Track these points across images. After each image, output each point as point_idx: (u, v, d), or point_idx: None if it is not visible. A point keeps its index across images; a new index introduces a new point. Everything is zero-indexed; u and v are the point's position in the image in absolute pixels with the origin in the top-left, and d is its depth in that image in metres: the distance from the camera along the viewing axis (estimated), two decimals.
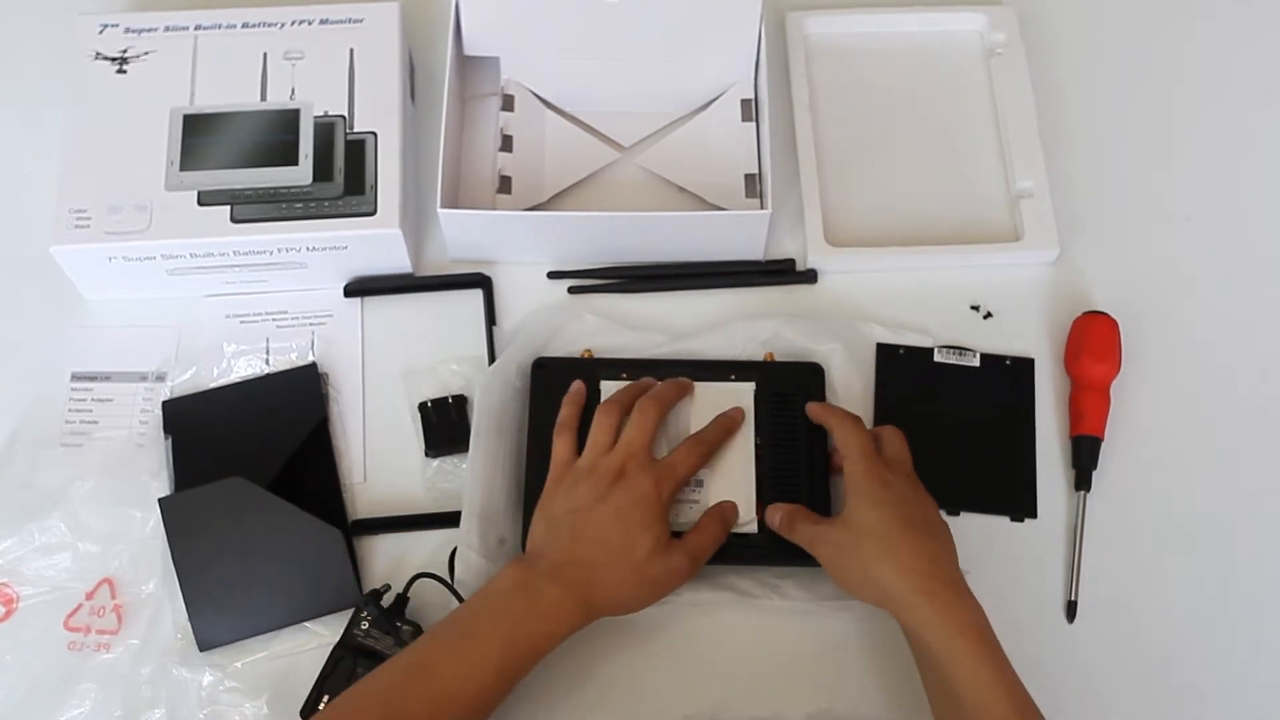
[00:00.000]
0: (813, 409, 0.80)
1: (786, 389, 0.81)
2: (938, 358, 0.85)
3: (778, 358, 0.84)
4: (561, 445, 0.78)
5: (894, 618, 0.72)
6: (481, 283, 0.89)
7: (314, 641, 0.78)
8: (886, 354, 0.85)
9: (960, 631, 0.69)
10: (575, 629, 0.72)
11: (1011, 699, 0.67)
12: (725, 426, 0.80)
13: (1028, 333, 0.87)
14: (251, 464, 0.80)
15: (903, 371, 0.85)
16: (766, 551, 0.78)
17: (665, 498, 0.75)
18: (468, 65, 0.94)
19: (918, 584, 0.70)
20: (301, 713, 0.74)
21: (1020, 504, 0.82)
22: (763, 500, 0.78)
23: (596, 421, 0.78)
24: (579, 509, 0.74)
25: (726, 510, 0.78)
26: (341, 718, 0.69)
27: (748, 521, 0.78)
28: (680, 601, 0.78)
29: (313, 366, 0.86)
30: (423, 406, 0.84)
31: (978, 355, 0.85)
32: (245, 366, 0.86)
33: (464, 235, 0.87)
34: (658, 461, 0.76)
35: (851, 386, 0.83)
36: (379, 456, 0.84)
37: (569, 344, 0.85)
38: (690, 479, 0.77)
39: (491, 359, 0.85)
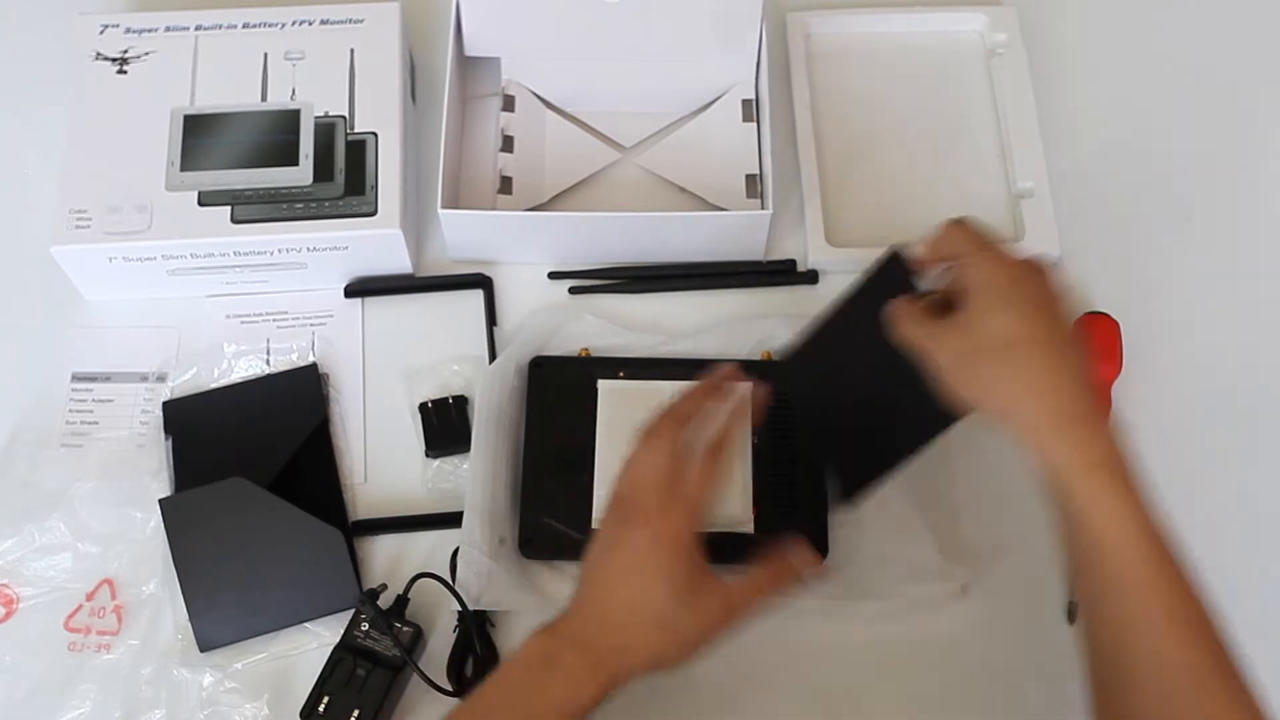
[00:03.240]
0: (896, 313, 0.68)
1: (783, 389, 0.81)
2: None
3: (775, 357, 0.84)
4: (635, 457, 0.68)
5: (1018, 443, 0.64)
6: (482, 283, 0.89)
7: (314, 642, 0.78)
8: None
9: (1096, 468, 0.61)
10: (602, 698, 0.65)
11: (1151, 542, 0.60)
12: (737, 414, 0.72)
13: None
14: (252, 464, 0.80)
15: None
16: (760, 548, 0.77)
17: (677, 528, 0.65)
18: (468, 66, 0.94)
19: (1047, 413, 0.62)
20: (301, 713, 0.74)
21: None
22: (759, 500, 0.78)
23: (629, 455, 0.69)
24: (598, 558, 0.67)
25: (786, 569, 0.68)
26: None
27: (745, 521, 0.78)
28: None
29: (313, 367, 0.86)
30: (423, 407, 0.84)
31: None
32: (246, 367, 0.86)
33: (465, 235, 0.87)
34: (670, 493, 0.66)
35: None
36: (379, 457, 0.84)
37: (569, 344, 0.85)
38: (707, 492, 0.67)
39: (492, 359, 0.85)
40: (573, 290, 0.89)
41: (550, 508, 0.79)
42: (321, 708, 0.73)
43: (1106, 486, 0.60)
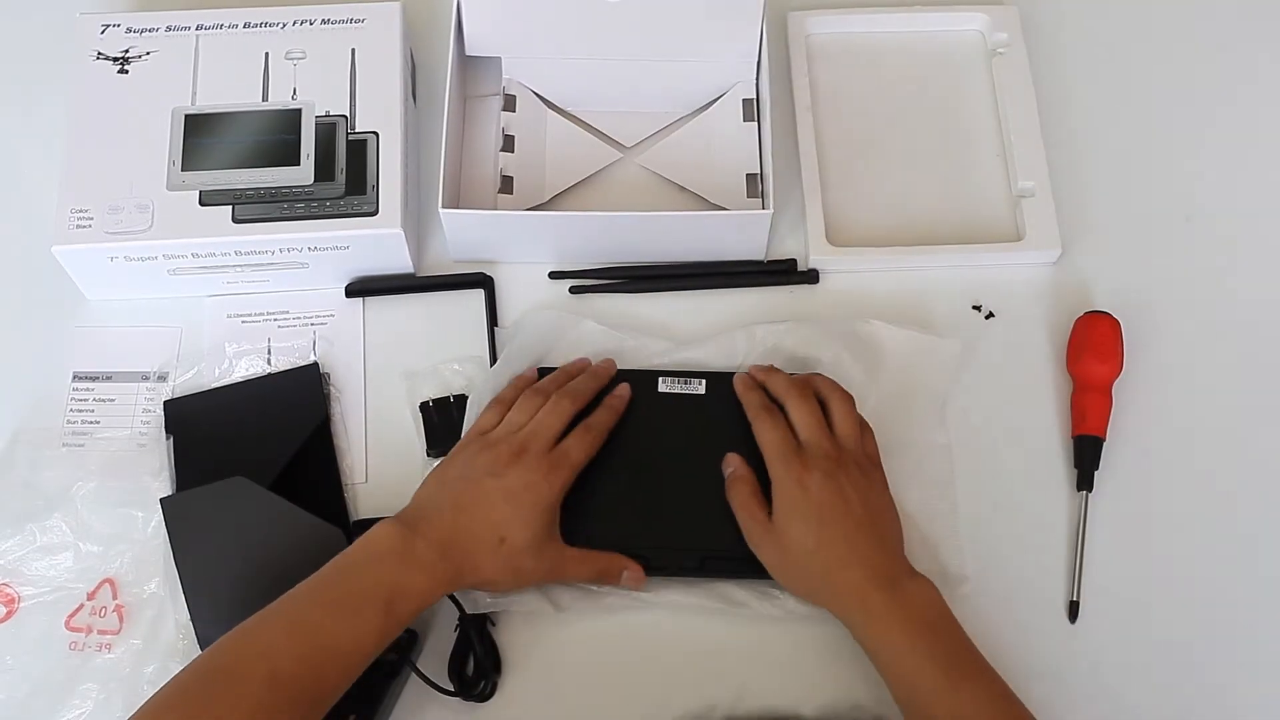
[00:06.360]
0: (739, 386, 0.80)
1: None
2: (662, 388, 0.83)
3: (778, 368, 0.84)
4: (487, 416, 0.79)
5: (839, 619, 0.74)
6: (483, 283, 0.89)
7: None
8: None
9: (889, 625, 0.71)
10: (445, 594, 0.73)
11: (943, 670, 0.69)
12: (612, 408, 0.80)
13: (1029, 333, 0.87)
14: (253, 464, 0.80)
15: None
16: (761, 565, 0.78)
17: (557, 487, 0.75)
18: (469, 65, 0.94)
19: (848, 594, 0.72)
20: None
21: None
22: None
23: (519, 404, 0.79)
24: (471, 479, 0.74)
25: (615, 567, 0.77)
26: (223, 674, 0.66)
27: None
28: (678, 610, 0.78)
29: (314, 366, 0.86)
30: (424, 406, 0.84)
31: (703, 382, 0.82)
32: (247, 366, 0.86)
33: (465, 235, 0.87)
34: (554, 449, 0.76)
35: (855, 397, 0.82)
36: (380, 456, 0.84)
37: (570, 352, 0.85)
38: (584, 465, 0.77)
39: (493, 359, 0.85)
40: (573, 290, 0.89)
41: None
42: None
43: (896, 642, 0.70)
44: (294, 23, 0.89)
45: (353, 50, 0.88)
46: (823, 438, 0.76)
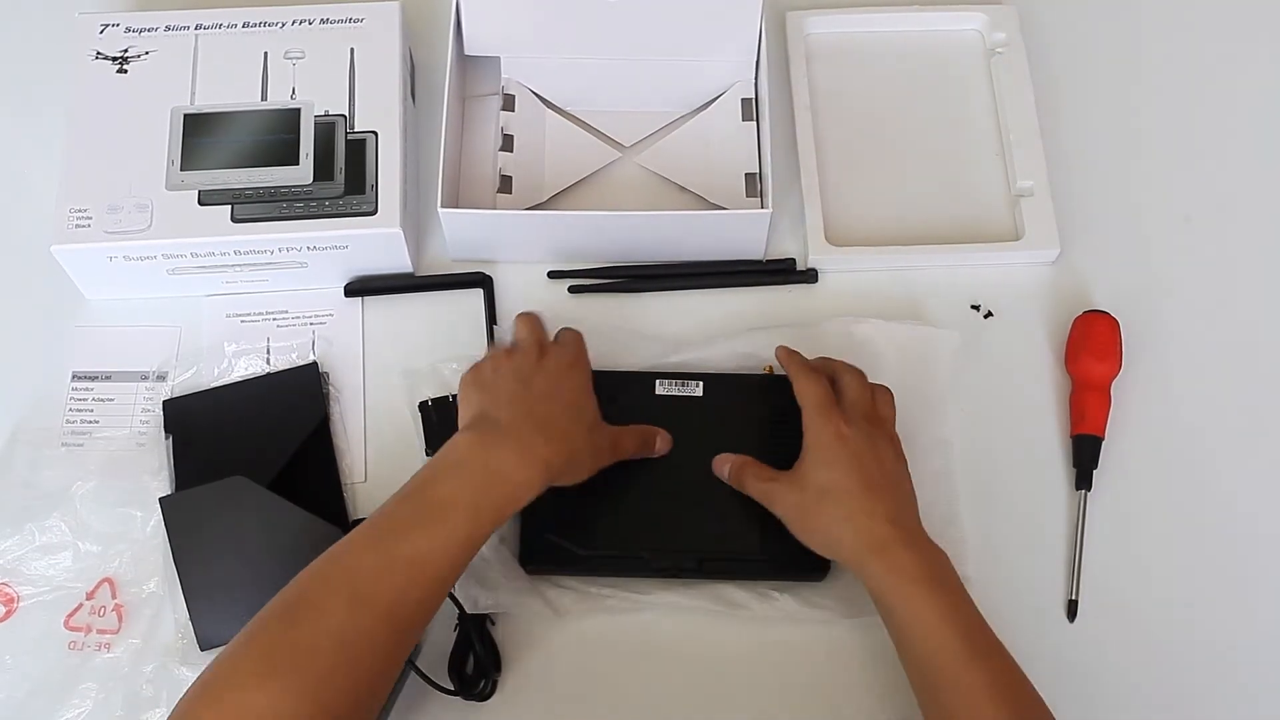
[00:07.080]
0: (780, 353, 0.81)
1: (785, 403, 0.80)
2: (659, 390, 0.83)
3: (776, 371, 0.84)
4: (519, 328, 0.79)
5: (847, 568, 0.74)
6: (482, 282, 0.89)
7: None
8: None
9: (912, 581, 0.70)
10: (535, 493, 0.71)
11: (963, 638, 0.68)
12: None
13: (1028, 332, 0.87)
14: (252, 463, 0.80)
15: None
16: (764, 566, 0.78)
17: (587, 371, 0.78)
18: (468, 65, 0.94)
19: (873, 542, 0.71)
20: None
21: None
22: (761, 516, 0.77)
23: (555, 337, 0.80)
24: (519, 369, 0.75)
25: (650, 435, 0.79)
26: (309, 596, 0.66)
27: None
28: (677, 611, 0.78)
29: (313, 366, 0.86)
30: (423, 405, 0.84)
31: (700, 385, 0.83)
32: (246, 366, 0.86)
33: (464, 235, 0.87)
34: (566, 346, 0.79)
35: None
36: (380, 456, 0.84)
37: None
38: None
39: None
40: (572, 289, 0.89)
41: (553, 523, 0.78)
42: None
43: (917, 599, 0.69)
44: (293, 22, 0.89)
45: (352, 50, 0.88)
46: (867, 402, 0.77)
